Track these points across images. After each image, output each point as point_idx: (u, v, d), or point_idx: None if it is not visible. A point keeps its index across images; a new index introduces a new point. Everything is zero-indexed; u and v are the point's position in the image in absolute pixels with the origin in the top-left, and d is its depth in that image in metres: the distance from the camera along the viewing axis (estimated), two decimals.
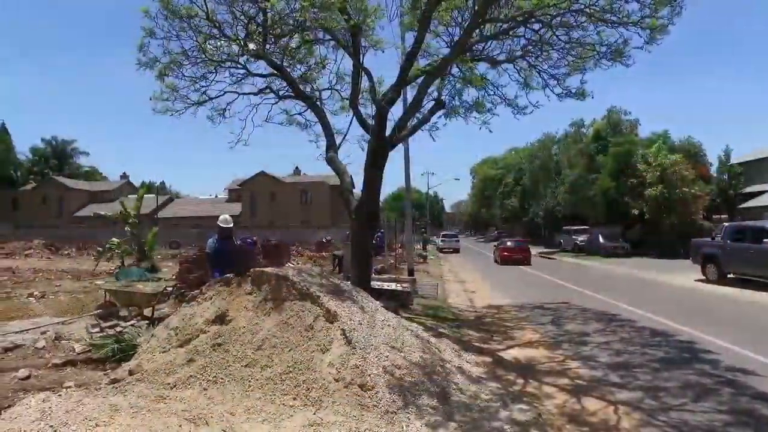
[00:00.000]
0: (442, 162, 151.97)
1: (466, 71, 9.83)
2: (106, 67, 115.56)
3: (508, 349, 7.59)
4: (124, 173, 62.02)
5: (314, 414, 4.14)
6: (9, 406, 4.20)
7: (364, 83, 9.54)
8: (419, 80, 9.07)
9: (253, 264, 7.74)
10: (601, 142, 35.67)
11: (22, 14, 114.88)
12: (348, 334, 4.89)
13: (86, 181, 61.85)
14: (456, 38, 9.10)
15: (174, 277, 12.39)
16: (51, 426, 3.75)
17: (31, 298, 10.23)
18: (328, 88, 10.67)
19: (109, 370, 5.39)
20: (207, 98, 10.50)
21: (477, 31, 8.62)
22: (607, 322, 9.54)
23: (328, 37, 9.53)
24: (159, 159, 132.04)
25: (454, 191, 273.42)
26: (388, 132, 8.95)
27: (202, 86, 10.35)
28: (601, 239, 30.19)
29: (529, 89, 10.07)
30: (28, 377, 5.07)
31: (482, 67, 10.23)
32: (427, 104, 9.55)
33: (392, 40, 9.40)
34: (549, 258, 31.23)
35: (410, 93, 11.09)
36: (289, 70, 9.98)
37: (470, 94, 10.19)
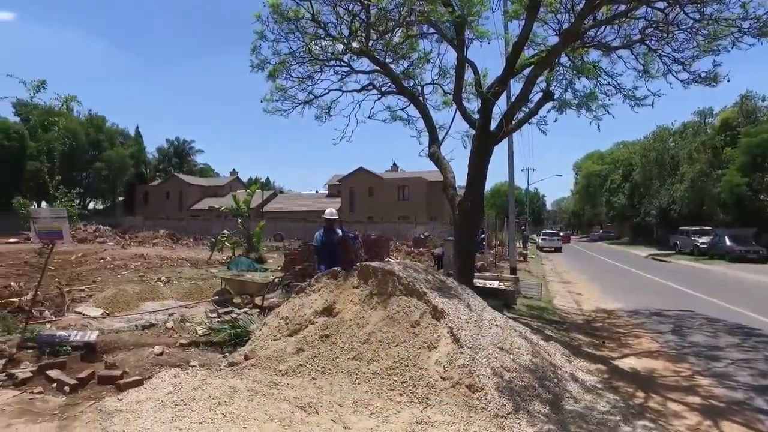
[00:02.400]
0: (543, 157, 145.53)
1: (577, 60, 9.22)
2: (219, 71, 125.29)
3: (623, 357, 7.02)
4: (234, 170, 66.92)
5: (421, 412, 4.09)
6: (149, 377, 4.64)
7: (468, 77, 9.32)
8: (526, 71, 8.66)
9: (356, 257, 7.89)
10: (729, 133, 31.89)
11: (148, 27, 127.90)
12: (455, 333, 4.78)
13: (202, 177, 67.53)
14: (565, 25, 8.57)
15: (279, 268, 13.08)
16: (182, 400, 4.08)
17: (159, 282, 11.32)
18: (430, 83, 10.59)
19: (226, 353, 5.76)
20: (313, 97, 10.92)
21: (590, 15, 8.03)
22: (743, 336, 8.37)
23: (431, 30, 9.43)
24: (264, 156, 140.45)
25: (556, 188, 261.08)
26: (493, 126, 8.67)
27: (309, 86, 10.78)
28: (727, 241, 26.96)
29: (649, 77, 9.22)
30: (161, 353, 5.58)
31: (594, 55, 9.55)
32: (535, 96, 9.10)
33: (494, 30, 9.04)
34: (663, 261, 28.62)
35: (515, 85, 10.67)
36: (391, 66, 10.04)
37: (582, 84, 9.56)
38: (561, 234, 47.30)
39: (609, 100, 9.22)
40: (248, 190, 22.98)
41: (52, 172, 5.56)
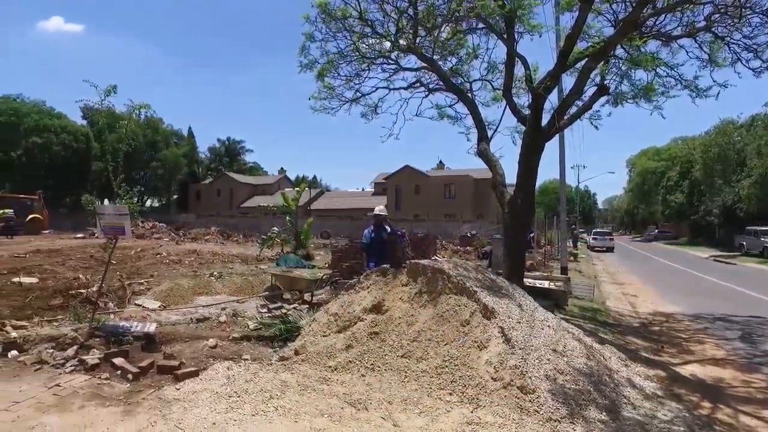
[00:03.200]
0: (594, 154, 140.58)
1: (634, 51, 8.81)
2: (268, 72, 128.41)
3: (684, 364, 6.66)
4: (282, 168, 68.45)
5: (471, 412, 4.02)
6: (204, 369, 4.80)
7: (518, 71, 9.11)
8: (579, 64, 8.37)
9: (403, 255, 7.87)
10: None
11: (201, 33, 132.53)
12: (506, 333, 4.67)
13: (251, 175, 69.44)
14: (621, 15, 8.21)
15: (327, 265, 13.24)
16: (235, 392, 4.19)
17: (211, 278, 11.71)
18: (479, 79, 10.43)
19: (277, 348, 5.87)
20: (360, 95, 10.99)
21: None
22: None
23: (480, 25, 9.28)
24: (311, 155, 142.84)
25: (607, 186, 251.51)
26: (544, 122, 8.44)
27: (356, 84, 10.86)
28: None
29: (715, 66, 8.70)
30: (215, 346, 5.76)
31: (652, 45, 9.10)
32: (588, 90, 8.78)
33: (544, 22, 8.77)
34: (727, 262, 27.01)
35: (567, 80, 10.35)
36: (439, 62, 9.95)
37: (639, 76, 9.13)
38: (612, 235, 45.39)
39: (669, 91, 8.78)
40: (296, 189, 23.40)
41: (116, 171, 5.83)
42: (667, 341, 8.01)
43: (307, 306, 7.70)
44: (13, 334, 5.69)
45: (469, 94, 10.14)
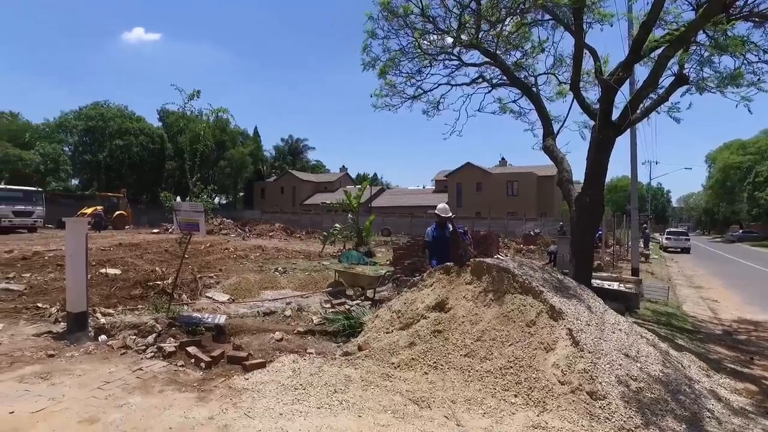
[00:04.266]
0: (668, 149, 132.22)
1: (719, 35, 8.15)
2: (330, 72, 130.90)
3: None
4: (343, 166, 69.58)
5: (537, 416, 3.91)
6: (271, 361, 4.97)
7: (586, 64, 8.73)
8: (655, 54, 7.88)
9: (465, 253, 7.76)
10: None
11: (263, 31, 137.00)
12: (575, 335, 4.49)
13: (313, 173, 71.07)
14: None
15: (388, 262, 13.32)
16: (301, 384, 4.30)
17: (276, 273, 12.10)
18: (544, 73, 10.12)
19: (340, 343, 5.98)
20: (422, 92, 10.94)
21: None
22: None
23: (546, 17, 8.97)
24: (372, 152, 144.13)
25: (683, 182, 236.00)
26: (614, 116, 8.02)
27: (418, 81, 10.82)
28: None
29: None
30: (281, 339, 5.96)
31: (741, 27, 8.36)
32: (665, 80, 8.24)
33: (614, 10, 8.33)
34: None
35: (641, 70, 9.79)
36: (503, 57, 9.72)
37: (724, 63, 8.45)
38: (688, 235, 42.27)
39: (758, 79, 8.05)
40: (358, 186, 23.68)
41: (192, 170, 6.18)
42: (758, 352, 7.38)
43: (370, 302, 7.78)
44: (102, 320, 6.16)
45: (534, 89, 9.85)
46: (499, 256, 12.04)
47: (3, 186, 26.61)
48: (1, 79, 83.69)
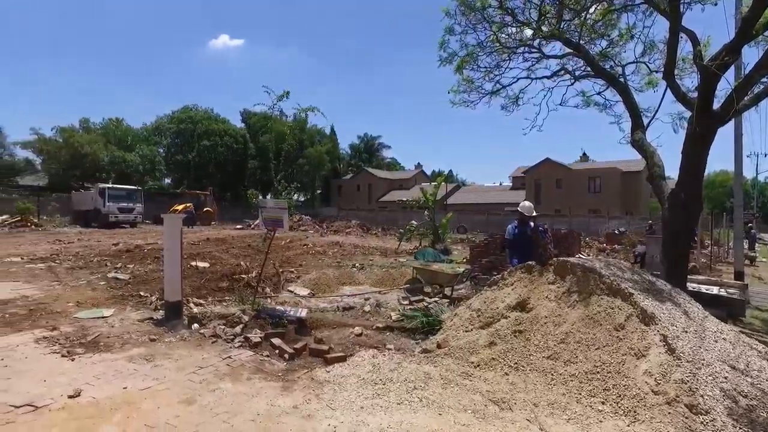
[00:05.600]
0: None
1: None
2: (404, 70, 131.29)
3: None
4: (418, 163, 69.56)
5: (628, 426, 3.69)
6: (351, 355, 5.08)
7: (682, 49, 8.08)
8: None
9: (545, 252, 7.48)
10: None
11: (339, 31, 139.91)
12: (670, 342, 4.18)
13: (388, 170, 71.70)
14: None
15: (465, 260, 13.15)
16: (380, 379, 4.35)
17: (354, 269, 12.34)
18: (633, 62, 9.46)
19: (419, 340, 5.98)
20: (500, 87, 10.66)
21: None
22: None
23: (637, 1, 8.41)
24: (447, 149, 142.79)
25: None
26: (716, 105, 7.35)
27: (496, 75, 10.56)
28: None
29: None
30: (360, 334, 6.07)
31: None
32: None
33: None
34: None
35: (750, 53, 8.90)
36: (587, 47, 9.24)
37: None
38: None
39: None
40: (433, 183, 23.59)
41: (277, 168, 6.49)
42: None
43: (448, 300, 7.72)
44: (195, 309, 6.61)
45: (621, 79, 9.26)
46: (580, 256, 11.48)
47: (110, 185, 29.40)
48: (110, 90, 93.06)
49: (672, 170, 7.79)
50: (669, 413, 3.73)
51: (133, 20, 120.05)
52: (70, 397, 3.94)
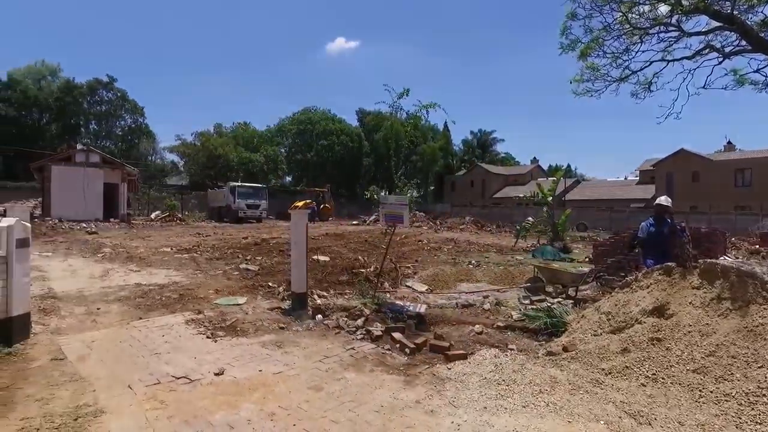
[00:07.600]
0: None
1: None
2: (516, 62, 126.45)
3: None
4: (534, 158, 66.77)
5: None
6: (471, 353, 5.01)
7: None
8: None
9: (683, 253, 6.72)
10: None
11: (452, 26, 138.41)
12: None
13: (502, 166, 69.76)
14: None
15: (587, 259, 12.34)
16: (503, 380, 4.24)
17: (470, 265, 12.18)
18: None
19: (542, 341, 5.72)
20: (630, 72, 9.84)
21: None
22: None
23: None
24: (564, 143, 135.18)
25: None
26: None
27: (625, 60, 9.76)
28: None
29: None
30: (480, 333, 5.97)
31: None
32: None
33: None
34: None
35: None
36: (742, 17, 8.12)
37: None
38: None
39: None
40: (551, 178, 22.49)
41: (397, 165, 6.64)
42: None
43: (572, 301, 7.30)
44: (318, 301, 6.98)
45: None
46: (726, 258, 10.13)
47: (239, 184, 32.36)
48: (238, 96, 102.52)
49: None
50: None
51: (256, 31, 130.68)
52: (216, 374, 4.40)
